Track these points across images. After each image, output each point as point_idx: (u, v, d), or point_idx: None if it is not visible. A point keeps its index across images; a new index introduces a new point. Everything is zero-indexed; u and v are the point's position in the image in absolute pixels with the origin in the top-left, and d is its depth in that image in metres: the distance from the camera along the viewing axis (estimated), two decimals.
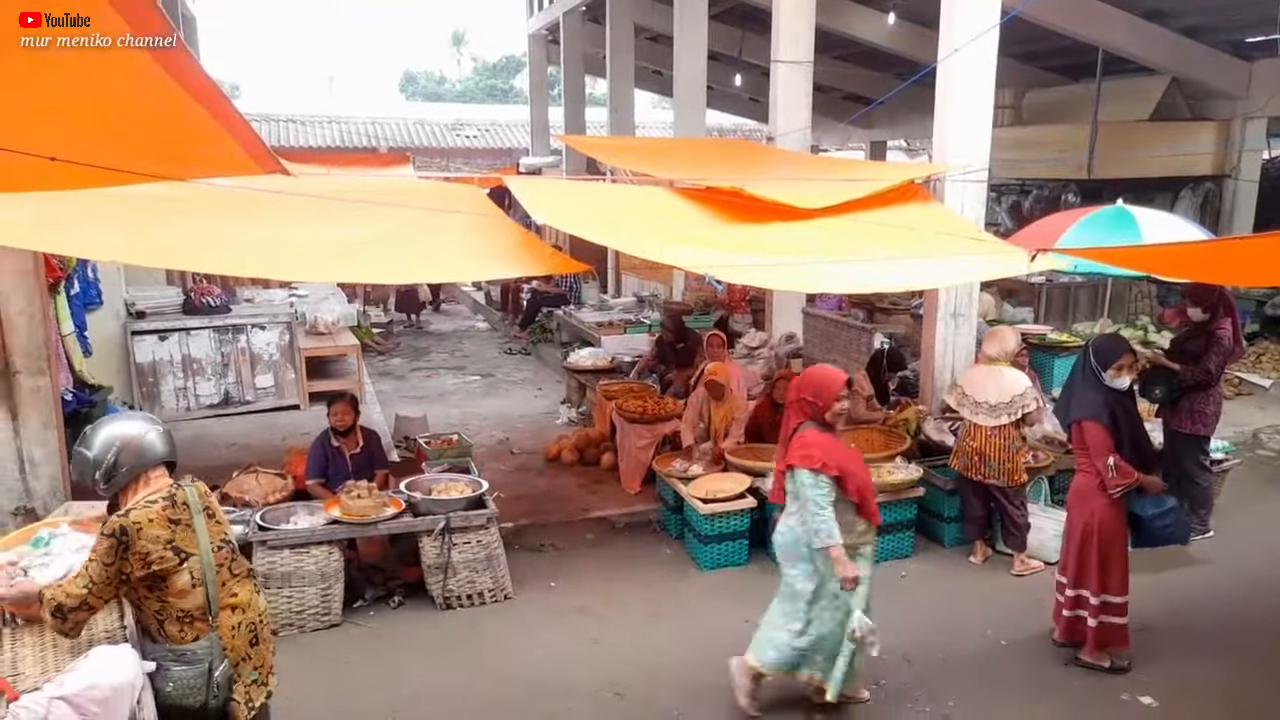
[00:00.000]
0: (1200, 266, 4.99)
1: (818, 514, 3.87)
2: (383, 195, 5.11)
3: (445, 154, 24.35)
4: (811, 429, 4.05)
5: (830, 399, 4.04)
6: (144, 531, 2.86)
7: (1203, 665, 4.67)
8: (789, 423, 4.17)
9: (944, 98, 6.75)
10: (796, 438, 4.05)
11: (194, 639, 2.96)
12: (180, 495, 3.02)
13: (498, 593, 5.40)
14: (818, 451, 3.91)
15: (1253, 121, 12.45)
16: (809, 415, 4.09)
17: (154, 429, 3.08)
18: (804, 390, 4.13)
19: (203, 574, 2.98)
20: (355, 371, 9.82)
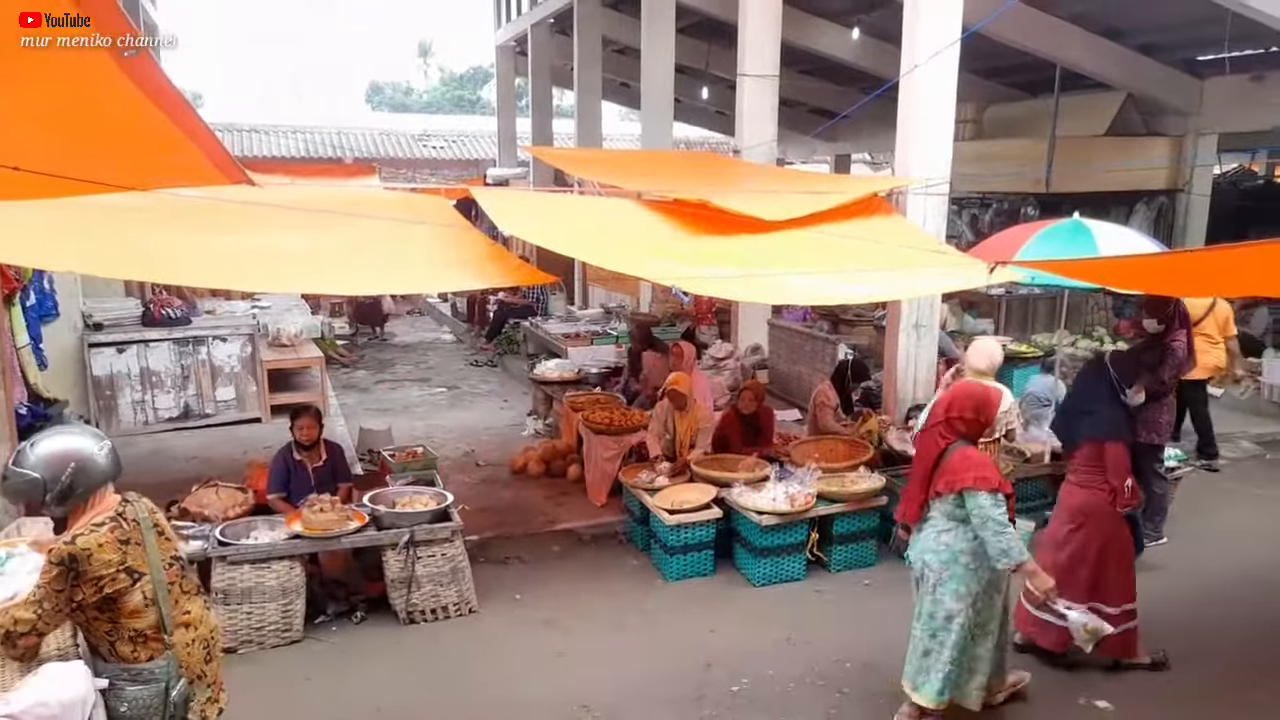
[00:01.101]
0: (1153, 278, 5.11)
1: (1003, 533, 3.82)
2: (348, 206, 5.08)
3: (412, 165, 24.21)
4: (969, 448, 4.01)
5: (991, 416, 4.06)
6: (94, 557, 2.77)
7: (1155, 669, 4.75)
8: (935, 443, 4.10)
9: (906, 112, 6.86)
10: (957, 457, 3.98)
11: (148, 658, 2.89)
12: (130, 512, 2.94)
13: (462, 606, 5.36)
14: (992, 473, 3.91)
15: (1204, 137, 12.80)
16: (962, 434, 4.04)
17: (104, 445, 2.96)
18: (962, 409, 4.06)
19: (154, 593, 2.91)
20: (319, 384, 9.71)
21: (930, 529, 4.09)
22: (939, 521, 4.05)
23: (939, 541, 4.03)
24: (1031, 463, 6.55)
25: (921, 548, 4.12)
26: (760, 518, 5.61)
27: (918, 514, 4.15)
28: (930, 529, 4.09)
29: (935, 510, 4.07)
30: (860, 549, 6.01)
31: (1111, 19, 11.65)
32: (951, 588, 4.00)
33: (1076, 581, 4.64)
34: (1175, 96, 12.67)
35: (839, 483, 6.01)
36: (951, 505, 3.98)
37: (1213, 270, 4.37)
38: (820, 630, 5.22)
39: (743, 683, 4.65)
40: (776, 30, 9.24)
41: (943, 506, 4.02)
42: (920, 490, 4.14)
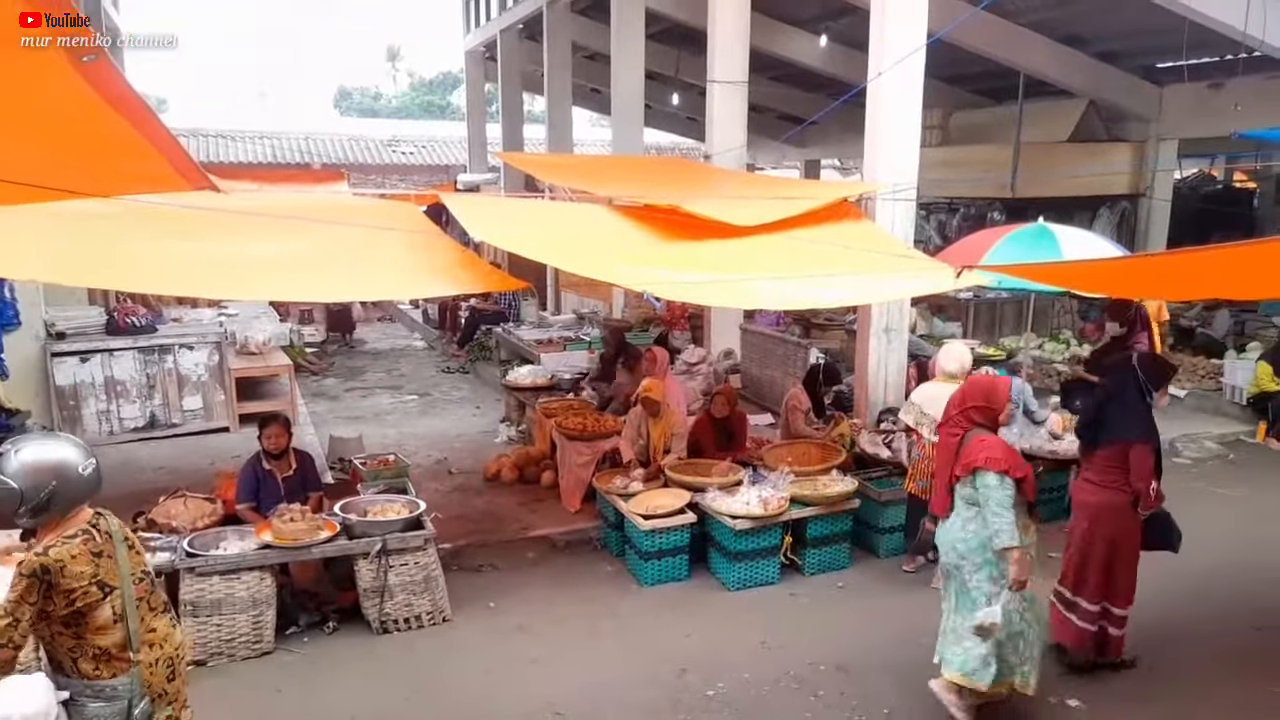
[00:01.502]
0: (1116, 282, 5.21)
1: (1001, 514, 3.94)
2: (316, 212, 5.04)
3: (381, 170, 24.07)
4: (985, 434, 4.15)
5: (1002, 402, 4.21)
6: (67, 569, 2.72)
7: (1126, 668, 4.83)
8: (952, 434, 4.26)
9: (874, 118, 6.94)
10: (974, 442, 4.12)
11: (111, 676, 2.84)
12: (102, 524, 2.89)
13: (436, 615, 5.32)
14: (1002, 454, 4.03)
15: (1165, 143, 13.06)
16: (977, 421, 4.20)
17: (89, 464, 2.87)
18: (973, 399, 4.26)
19: (123, 608, 2.86)
20: (288, 392, 9.61)
21: (956, 518, 4.21)
22: (962, 509, 4.17)
23: (965, 529, 4.13)
24: None
25: (950, 538, 4.22)
26: (734, 522, 5.62)
27: (946, 505, 4.26)
28: (956, 518, 4.21)
29: (958, 498, 4.19)
30: (834, 552, 6.05)
31: (1073, 27, 11.85)
32: (986, 572, 4.08)
33: (1086, 581, 4.67)
34: (1136, 103, 12.91)
35: (812, 486, 6.05)
36: (970, 490, 4.09)
37: (1174, 274, 4.46)
38: (795, 634, 5.24)
39: (718, 687, 4.66)
40: (745, 37, 9.31)
41: (963, 492, 4.14)
42: (944, 482, 4.28)
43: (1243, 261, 3.81)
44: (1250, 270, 3.93)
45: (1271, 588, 5.65)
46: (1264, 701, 4.52)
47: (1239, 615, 5.38)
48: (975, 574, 4.10)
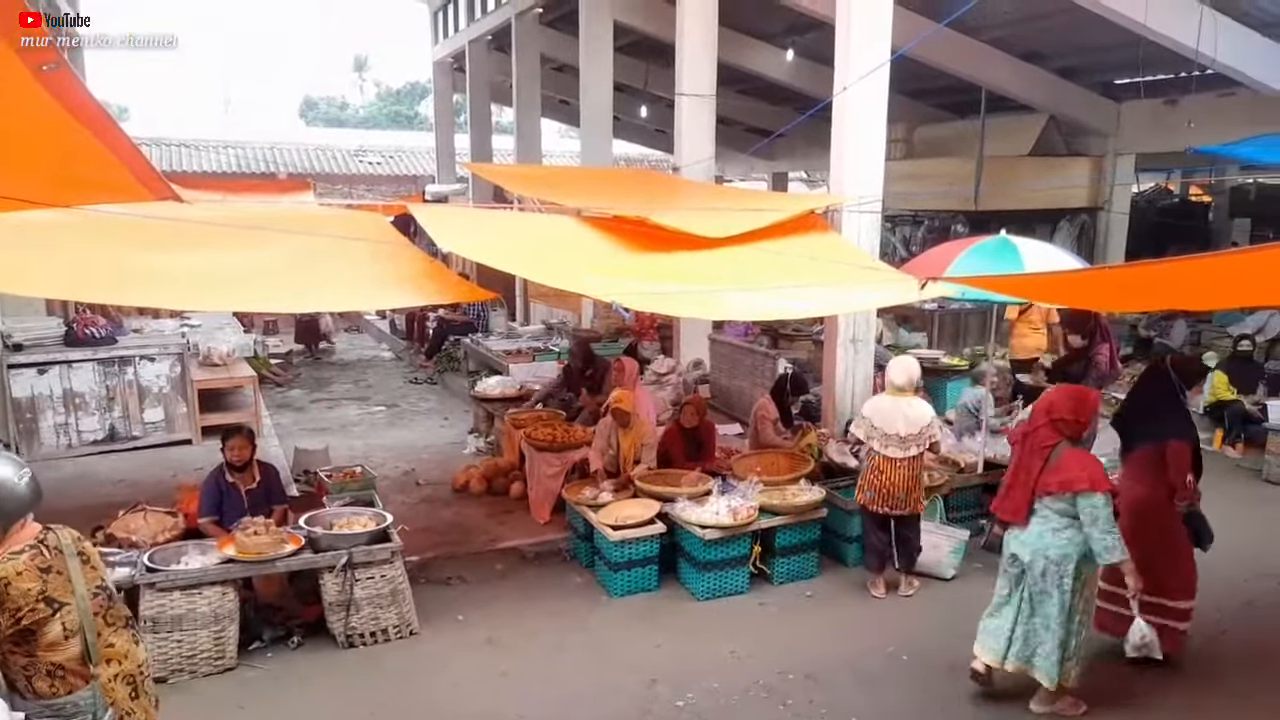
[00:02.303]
0: (1075, 293, 5.30)
1: (1111, 532, 4.11)
2: (282, 222, 5.00)
3: (348, 180, 23.89)
4: (1076, 449, 4.27)
5: (1090, 415, 4.32)
6: (13, 586, 2.66)
7: (1088, 674, 4.88)
8: (1040, 443, 4.33)
9: (840, 132, 7.02)
10: (1070, 460, 4.22)
11: (68, 692, 2.78)
12: (51, 539, 2.83)
13: (403, 628, 5.27)
14: (1103, 475, 4.18)
15: (1122, 157, 13.35)
16: (1065, 434, 4.28)
17: (24, 474, 2.84)
18: (1061, 410, 4.32)
19: (78, 623, 2.80)
20: (252, 404, 9.48)
21: (1042, 526, 4.28)
22: (1053, 519, 4.25)
23: (1058, 537, 4.23)
24: (965, 473, 6.71)
25: (1037, 545, 4.29)
26: (703, 532, 5.64)
27: (1026, 513, 4.34)
28: (1042, 526, 4.28)
29: (1046, 508, 4.27)
30: (802, 561, 6.08)
31: (1033, 44, 12.10)
32: (1077, 578, 4.23)
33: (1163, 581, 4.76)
34: (1094, 118, 13.19)
35: (780, 495, 6.08)
36: (1065, 504, 4.20)
37: (1131, 285, 4.55)
38: (764, 643, 5.26)
39: (688, 698, 4.66)
40: (713, 50, 9.39)
41: (1056, 505, 4.24)
42: (1026, 489, 4.34)
43: (1198, 273, 3.90)
44: (1205, 282, 4.03)
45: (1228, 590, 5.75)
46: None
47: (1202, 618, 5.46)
48: (1064, 579, 4.23)
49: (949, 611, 5.66)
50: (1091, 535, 4.12)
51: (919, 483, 5.71)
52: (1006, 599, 4.47)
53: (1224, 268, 3.73)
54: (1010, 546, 4.44)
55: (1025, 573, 4.36)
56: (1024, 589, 4.37)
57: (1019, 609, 4.40)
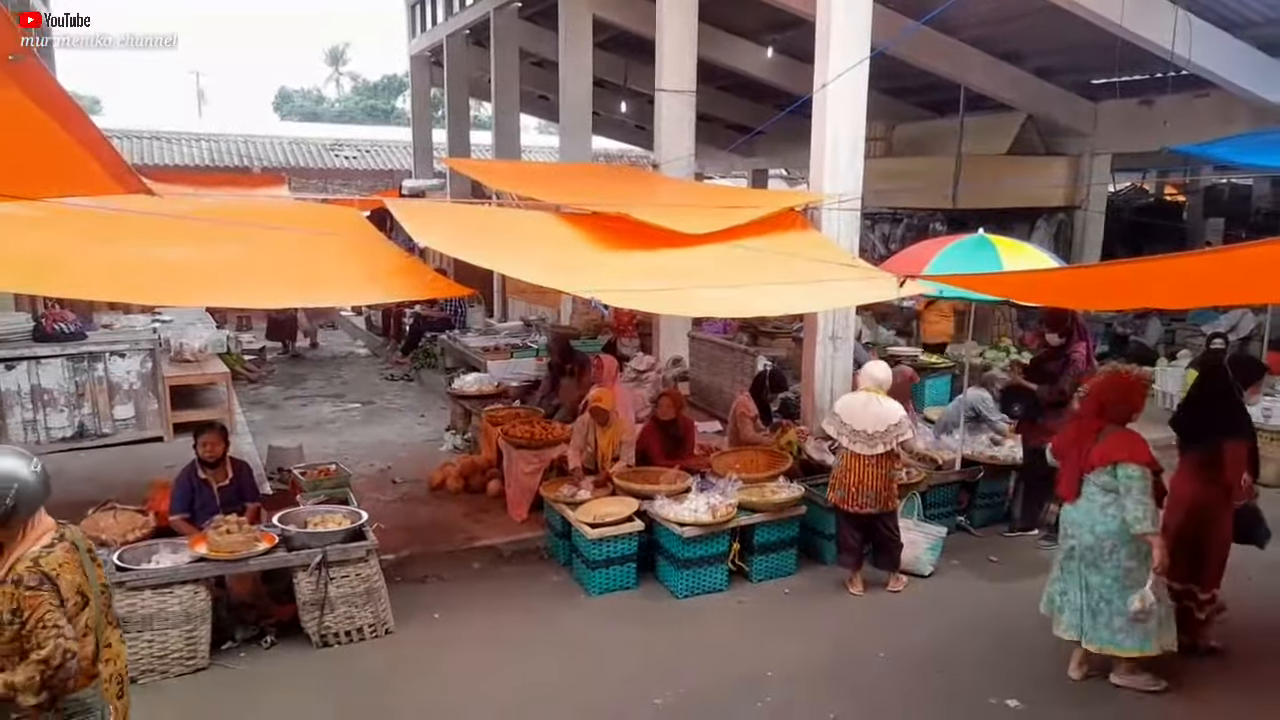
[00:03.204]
0: (1051, 292, 5.34)
1: (1143, 502, 4.33)
2: (255, 216, 4.94)
3: (323, 175, 23.65)
4: (1124, 431, 4.51)
5: (1140, 400, 4.61)
6: (61, 579, 2.65)
7: (1063, 667, 4.93)
8: (1088, 427, 4.61)
9: (819, 129, 7.02)
10: (1115, 437, 4.48)
11: (80, 689, 2.75)
12: (69, 534, 2.81)
13: (378, 628, 5.21)
14: (1144, 450, 4.40)
15: (1099, 157, 13.46)
16: (1113, 419, 4.55)
17: (35, 463, 2.80)
18: (1110, 394, 4.63)
19: (96, 620, 2.80)
20: (225, 400, 9.36)
21: (1090, 504, 4.55)
22: (1098, 495, 4.51)
23: (1104, 513, 4.48)
24: (942, 470, 6.73)
25: (1088, 521, 4.54)
26: (682, 529, 5.62)
27: (1075, 491, 4.60)
28: (1090, 504, 4.55)
29: (1092, 485, 4.54)
30: (781, 558, 6.08)
31: (1011, 44, 12.16)
32: (1125, 550, 4.45)
33: (1177, 565, 4.79)
34: (1071, 118, 13.29)
35: (759, 493, 6.07)
36: (1107, 477, 4.46)
37: (1108, 284, 4.58)
38: (742, 640, 5.25)
39: (665, 695, 4.64)
40: (693, 47, 9.36)
41: (1099, 480, 4.50)
42: (1075, 469, 4.61)
43: (1173, 272, 3.93)
44: (1180, 281, 4.06)
45: None
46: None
47: None
48: (1114, 553, 4.47)
49: (927, 608, 5.69)
50: (1125, 504, 4.36)
51: (890, 481, 5.72)
52: (1060, 575, 4.75)
53: (1198, 267, 3.76)
54: (1064, 523, 4.72)
55: (1075, 547, 4.61)
56: (1078, 563, 4.62)
57: (1080, 585, 4.62)
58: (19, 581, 2.61)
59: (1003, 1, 10.67)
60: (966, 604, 5.76)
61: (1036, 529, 6.71)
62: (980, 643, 5.23)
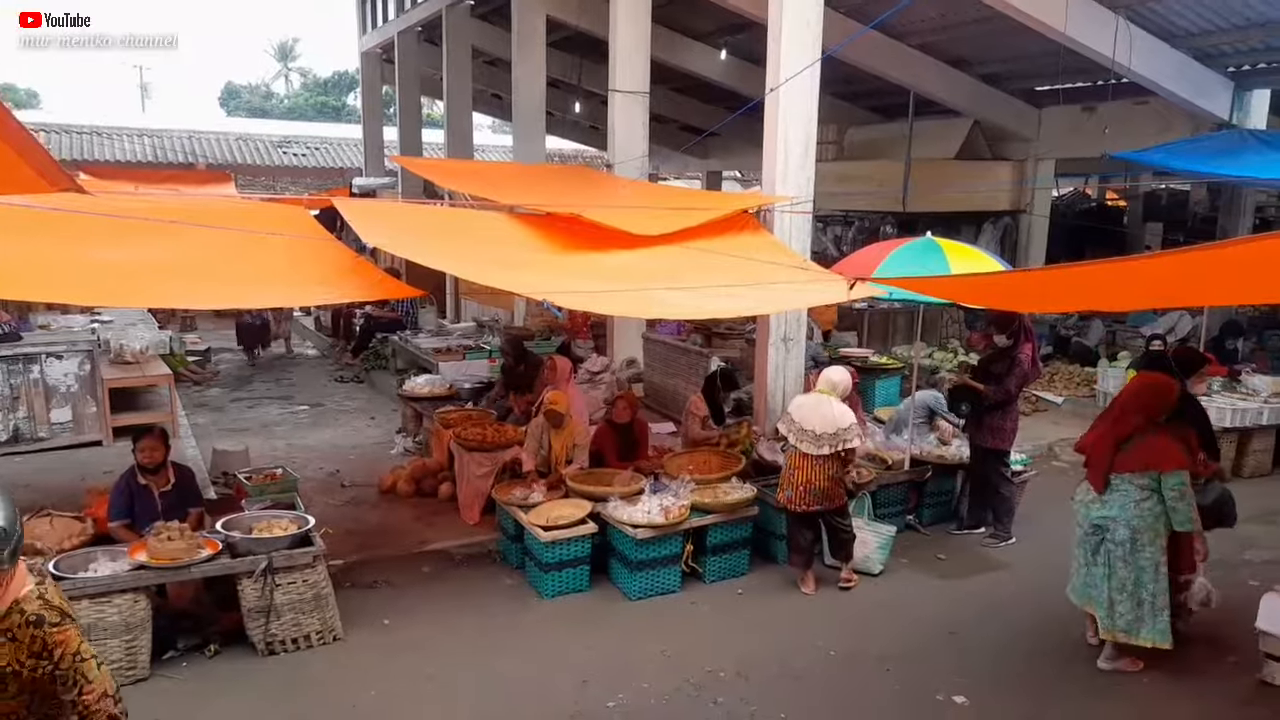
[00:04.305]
0: (997, 295, 5.43)
1: (1192, 505, 4.65)
2: (199, 216, 4.82)
3: (271, 173, 23.25)
4: (1161, 435, 4.71)
5: (1172, 402, 4.80)
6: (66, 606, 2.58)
7: (1009, 664, 5.03)
8: (1124, 426, 4.79)
9: (771, 131, 7.07)
10: (1154, 443, 4.69)
11: None
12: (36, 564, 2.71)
13: (326, 634, 5.12)
14: (1181, 454, 4.67)
15: (1043, 162, 13.76)
16: (1147, 417, 4.75)
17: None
18: (1146, 396, 4.83)
19: None
20: (167, 403, 9.13)
21: (1123, 498, 4.75)
22: (1134, 492, 4.73)
23: (1140, 508, 4.71)
24: (892, 470, 6.82)
25: (1120, 515, 4.76)
26: (635, 531, 5.61)
27: (1104, 484, 4.80)
28: (1123, 498, 4.75)
29: (1128, 483, 4.74)
30: (734, 559, 6.10)
31: (959, 50, 12.39)
32: (1156, 544, 4.72)
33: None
34: (1017, 124, 13.57)
35: (712, 494, 6.09)
36: (1150, 479, 4.69)
37: (1052, 287, 4.67)
38: (695, 641, 5.26)
39: (619, 698, 4.63)
40: (646, 48, 9.37)
41: (1139, 480, 4.72)
42: (1105, 465, 4.79)
43: (1114, 276, 4.02)
44: (1120, 284, 4.15)
45: None
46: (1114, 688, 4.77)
47: None
48: (1148, 546, 4.72)
49: (877, 607, 5.75)
50: (1176, 509, 4.64)
51: (838, 482, 5.78)
52: (1087, 569, 4.94)
53: (1138, 271, 3.85)
54: (1090, 518, 4.90)
55: (1105, 540, 4.82)
56: (1105, 554, 4.83)
57: (1108, 574, 4.83)
58: (39, 622, 2.48)
59: (951, 8, 10.87)
60: (915, 602, 5.84)
61: (983, 527, 6.83)
62: (929, 640, 5.30)
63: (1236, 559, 6.37)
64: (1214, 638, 5.18)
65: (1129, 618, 4.81)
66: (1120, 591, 4.81)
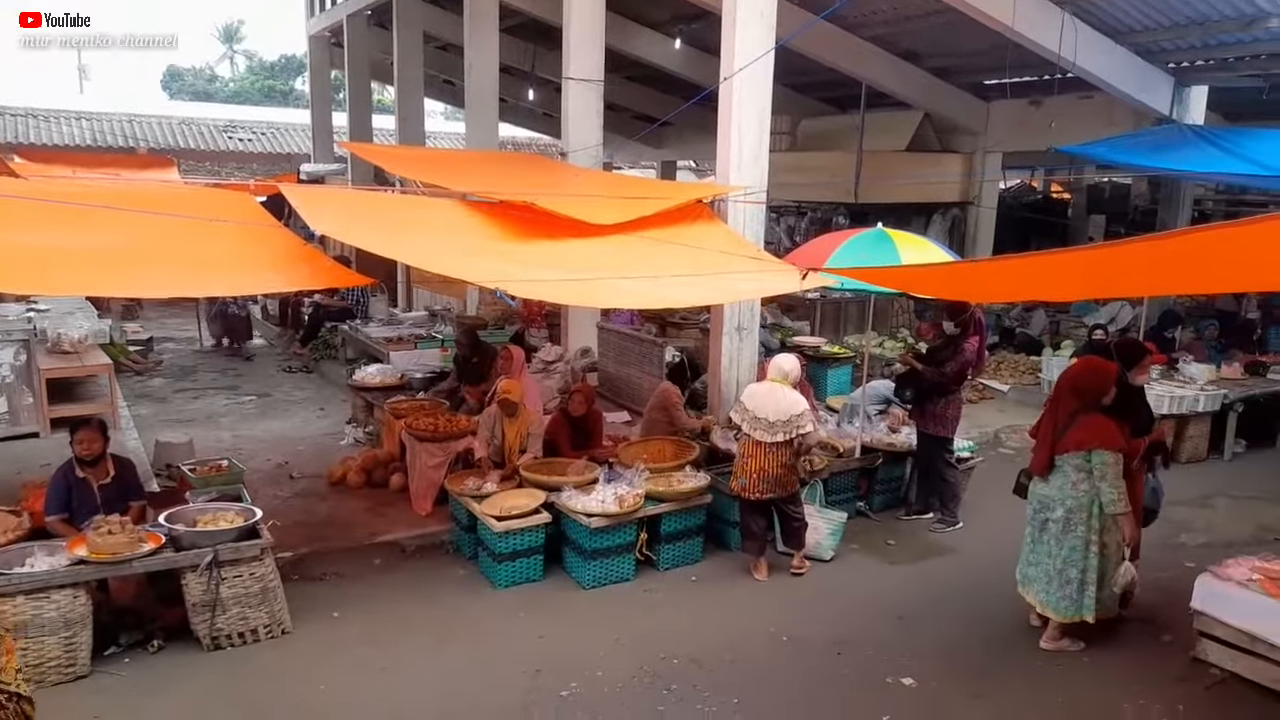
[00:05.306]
0: (945, 285, 5.52)
1: (1117, 485, 4.75)
2: (140, 201, 4.70)
3: (216, 158, 22.67)
4: (1096, 414, 4.83)
5: (1111, 384, 4.89)
6: None
7: (955, 645, 5.14)
8: (1064, 409, 4.93)
9: (725, 121, 7.08)
10: (1088, 423, 4.82)
11: None
12: None
13: (274, 628, 5.03)
14: (1114, 437, 4.79)
15: (991, 155, 13.99)
16: (1085, 401, 4.87)
17: None
18: (1083, 380, 4.96)
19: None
20: (107, 393, 8.87)
21: (1062, 479, 4.92)
22: (1070, 473, 4.88)
23: (1076, 489, 4.86)
24: (843, 457, 6.90)
25: (1058, 495, 4.93)
26: (590, 520, 5.61)
27: (1046, 467, 4.96)
28: (1062, 479, 4.92)
29: (1066, 464, 4.90)
30: (688, 546, 6.13)
31: (910, 43, 12.52)
32: (1089, 524, 4.86)
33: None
34: (965, 117, 13.78)
35: (666, 482, 6.11)
36: (1081, 459, 4.84)
37: (998, 277, 4.77)
38: (649, 629, 5.28)
39: (572, 687, 4.63)
40: (600, 35, 9.31)
41: (1074, 461, 4.87)
42: (1047, 448, 4.96)
43: (1058, 267, 4.11)
44: (1064, 274, 4.25)
45: None
46: (1061, 674, 4.90)
47: None
48: (1079, 526, 4.87)
49: (829, 592, 5.83)
50: (1101, 488, 4.78)
51: (790, 469, 5.84)
52: (1033, 547, 5.11)
53: (1081, 262, 3.94)
54: (1036, 497, 5.07)
55: (1048, 520, 4.98)
56: (1049, 534, 4.99)
57: (1049, 553, 4.99)
58: None
59: (902, 2, 10.98)
60: (866, 586, 5.93)
61: (930, 512, 6.96)
62: (879, 624, 5.39)
63: (1173, 542, 6.58)
64: (1151, 618, 5.35)
65: (1059, 595, 4.96)
66: (1055, 571, 4.96)
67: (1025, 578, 5.18)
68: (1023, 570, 5.21)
